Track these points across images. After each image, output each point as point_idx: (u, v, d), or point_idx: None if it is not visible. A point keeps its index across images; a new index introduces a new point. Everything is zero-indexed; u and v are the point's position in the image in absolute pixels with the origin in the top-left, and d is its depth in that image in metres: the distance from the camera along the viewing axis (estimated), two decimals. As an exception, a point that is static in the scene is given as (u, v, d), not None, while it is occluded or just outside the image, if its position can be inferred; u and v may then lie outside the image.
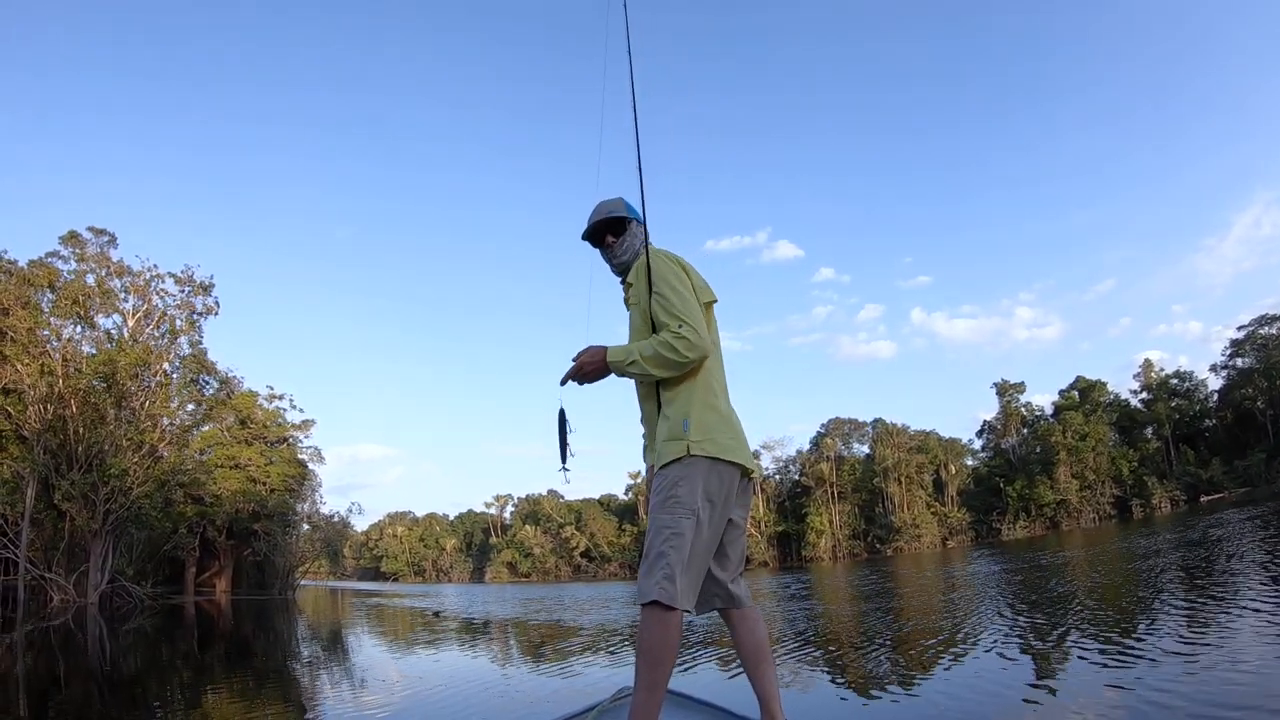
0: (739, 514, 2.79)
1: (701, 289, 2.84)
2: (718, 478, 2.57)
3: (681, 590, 2.42)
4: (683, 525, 2.49)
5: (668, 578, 2.41)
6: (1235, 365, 76.34)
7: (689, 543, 2.47)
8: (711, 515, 2.55)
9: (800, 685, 6.74)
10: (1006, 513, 79.16)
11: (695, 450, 2.56)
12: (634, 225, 3.03)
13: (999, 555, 35.00)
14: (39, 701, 8.42)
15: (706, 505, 2.53)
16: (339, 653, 13.58)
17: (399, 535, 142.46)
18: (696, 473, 2.55)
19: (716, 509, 2.57)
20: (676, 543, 2.46)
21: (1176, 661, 5.80)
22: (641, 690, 2.39)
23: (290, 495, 49.70)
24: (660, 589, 2.40)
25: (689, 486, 2.53)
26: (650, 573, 2.46)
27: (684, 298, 2.69)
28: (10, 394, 32.22)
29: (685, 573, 2.45)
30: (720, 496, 2.58)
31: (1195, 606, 8.94)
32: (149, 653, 14.26)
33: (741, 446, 2.70)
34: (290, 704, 7.96)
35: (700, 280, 2.87)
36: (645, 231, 2.97)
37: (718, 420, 2.66)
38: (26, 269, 34.68)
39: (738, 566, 2.82)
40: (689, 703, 3.27)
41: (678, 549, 2.45)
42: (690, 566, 2.47)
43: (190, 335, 39.52)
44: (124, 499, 31.82)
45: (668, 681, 2.43)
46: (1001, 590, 15.49)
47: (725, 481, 2.60)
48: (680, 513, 2.51)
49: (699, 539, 2.50)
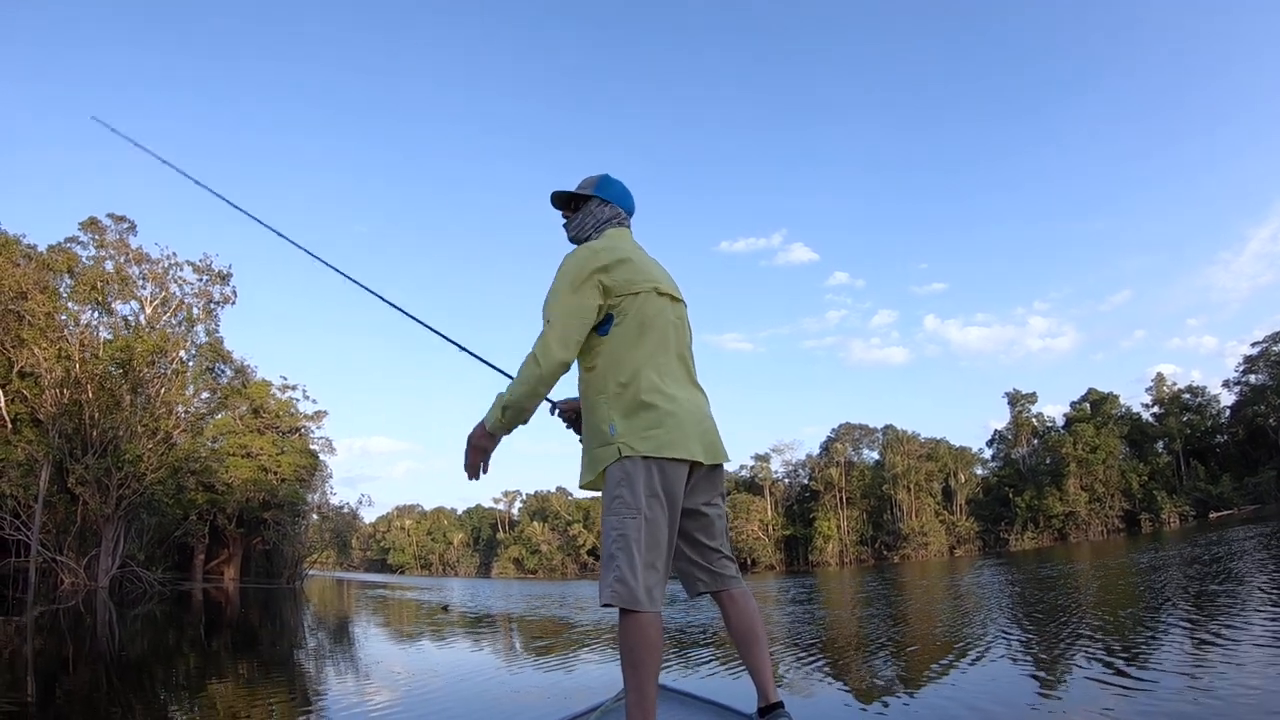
0: (704, 502, 2.72)
1: (630, 280, 2.66)
2: (660, 474, 2.50)
3: (644, 591, 2.39)
4: (628, 526, 2.45)
5: (619, 580, 2.40)
6: (1248, 381, 75.77)
7: (637, 543, 2.43)
8: (660, 512, 2.49)
9: (805, 690, 6.77)
10: (1015, 523, 78.78)
11: (626, 451, 2.50)
12: (594, 205, 2.91)
13: (1006, 566, 34.87)
14: (48, 683, 8.51)
15: (653, 502, 2.47)
16: (345, 644, 13.71)
17: (406, 528, 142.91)
18: (636, 472, 2.48)
19: (664, 504, 2.50)
20: (623, 544, 2.44)
21: (1180, 679, 5.81)
22: (630, 693, 2.40)
23: (301, 485, 49.88)
24: (613, 592, 2.40)
25: (630, 487, 2.47)
26: (604, 577, 2.46)
27: (563, 297, 2.60)
28: (27, 377, 32.47)
29: (642, 573, 2.41)
30: (668, 491, 2.51)
31: (1200, 623, 8.93)
32: (158, 637, 14.40)
33: (681, 438, 2.55)
34: (295, 693, 8.07)
35: (635, 268, 2.69)
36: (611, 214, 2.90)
37: (652, 414, 2.54)
38: (46, 254, 34.95)
39: (718, 551, 2.75)
40: (687, 699, 3.25)
41: (625, 551, 2.42)
42: (649, 566, 2.44)
43: (207, 324, 39.77)
44: (137, 484, 32.01)
45: (654, 681, 2.42)
46: (1007, 601, 15.46)
47: (670, 476, 2.52)
48: (625, 513, 2.46)
49: (652, 537, 2.45)
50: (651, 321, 2.67)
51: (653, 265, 2.84)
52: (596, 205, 2.91)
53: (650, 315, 2.67)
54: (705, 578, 2.75)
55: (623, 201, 2.96)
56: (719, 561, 2.75)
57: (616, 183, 2.98)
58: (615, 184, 2.97)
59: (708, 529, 2.73)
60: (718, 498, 2.77)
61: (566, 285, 2.61)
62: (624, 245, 2.77)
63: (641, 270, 2.71)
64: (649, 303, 2.68)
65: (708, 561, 2.73)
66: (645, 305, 2.66)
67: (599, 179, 2.96)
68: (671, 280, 2.89)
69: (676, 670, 7.98)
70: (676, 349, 2.75)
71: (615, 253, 2.68)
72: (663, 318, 2.72)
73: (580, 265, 2.63)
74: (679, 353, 2.77)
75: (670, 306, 2.77)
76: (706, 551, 2.73)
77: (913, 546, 79.69)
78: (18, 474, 30.80)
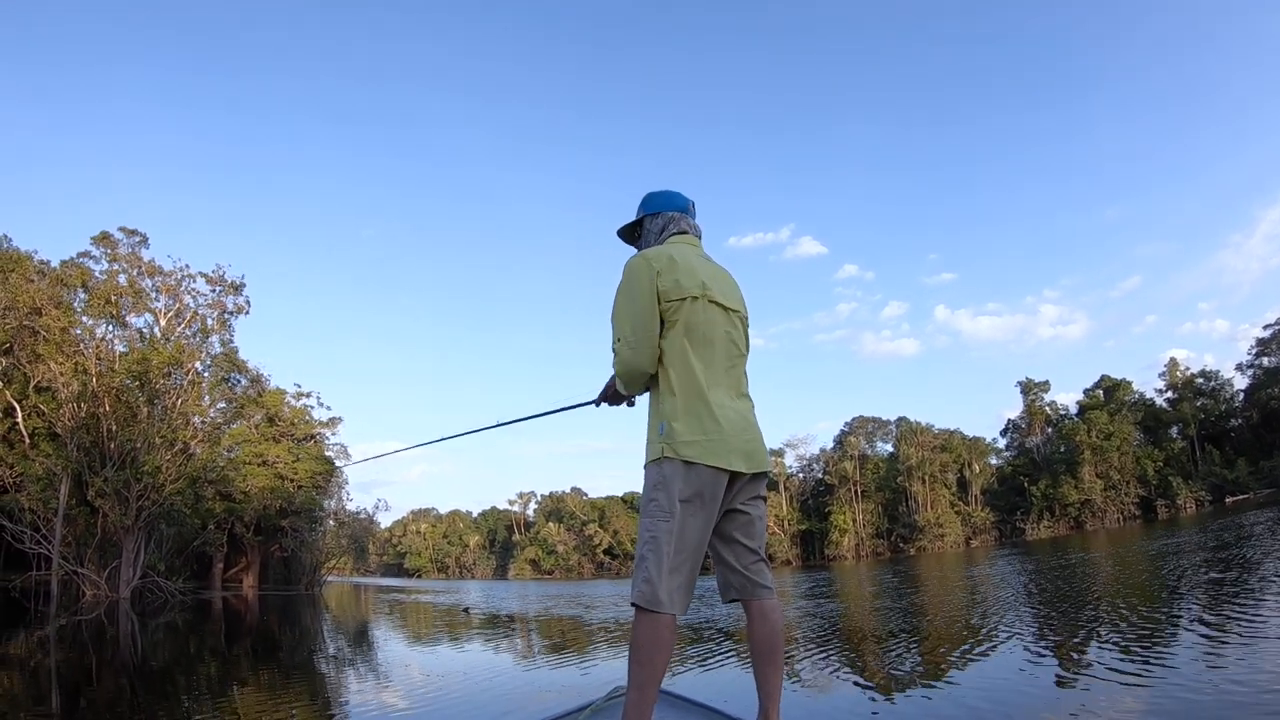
0: (744, 505, 2.75)
1: (680, 284, 2.73)
2: (697, 479, 2.55)
3: (666, 593, 2.47)
4: (659, 529, 2.53)
5: (646, 580, 2.48)
6: (1261, 364, 75.36)
7: (667, 547, 2.51)
8: (691, 517, 2.55)
9: (820, 683, 6.84)
10: (1030, 512, 78.55)
11: (669, 453, 2.58)
12: (647, 224, 3.05)
13: (1023, 555, 34.82)
14: (72, 694, 8.59)
15: (685, 507, 2.54)
16: (364, 648, 13.82)
17: (422, 532, 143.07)
18: (673, 476, 2.56)
19: (697, 509, 2.56)
20: (654, 547, 2.52)
21: (1199, 663, 5.84)
22: (632, 689, 2.46)
23: (317, 492, 50.07)
24: (639, 592, 2.49)
25: (666, 490, 2.56)
26: (634, 576, 2.56)
27: (625, 309, 2.75)
28: (44, 392, 32.73)
29: (668, 576, 2.49)
30: (701, 497, 2.57)
31: (1218, 608, 8.94)
32: (180, 646, 14.45)
33: (723, 448, 2.60)
34: (316, 698, 8.18)
35: (685, 273, 2.75)
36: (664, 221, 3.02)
37: (697, 422, 2.61)
38: (59, 269, 35.22)
39: (754, 554, 2.78)
40: (684, 704, 3.26)
41: (655, 553, 2.51)
42: (675, 570, 2.51)
43: (221, 334, 40.00)
44: (156, 495, 32.21)
45: (658, 682, 2.48)
46: (1025, 591, 15.50)
47: (705, 482, 2.57)
48: (658, 516, 2.55)
49: (681, 541, 2.52)
50: (700, 328, 2.72)
51: (708, 271, 2.87)
52: (649, 222, 3.04)
53: (698, 322, 2.72)
54: (739, 583, 2.77)
55: (669, 204, 3.05)
56: (754, 566, 2.77)
57: (658, 193, 3.07)
58: (657, 195, 3.07)
59: (747, 528, 2.76)
60: (759, 500, 2.80)
61: (626, 297, 2.75)
62: (676, 250, 2.84)
63: (691, 275, 2.76)
64: (697, 309, 2.73)
65: (743, 565, 2.75)
66: (694, 312, 2.72)
67: (642, 200, 3.09)
68: (731, 289, 2.93)
69: (679, 670, 8.02)
70: (726, 358, 2.79)
71: (665, 258, 2.76)
72: (713, 326, 2.76)
73: (637, 275, 2.74)
74: (729, 362, 2.80)
75: (723, 315, 2.81)
76: (743, 553, 2.75)
77: (929, 538, 79.60)
78: (37, 488, 31.06)
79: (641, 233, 3.08)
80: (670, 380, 2.68)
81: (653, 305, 2.70)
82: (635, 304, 2.71)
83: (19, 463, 31.53)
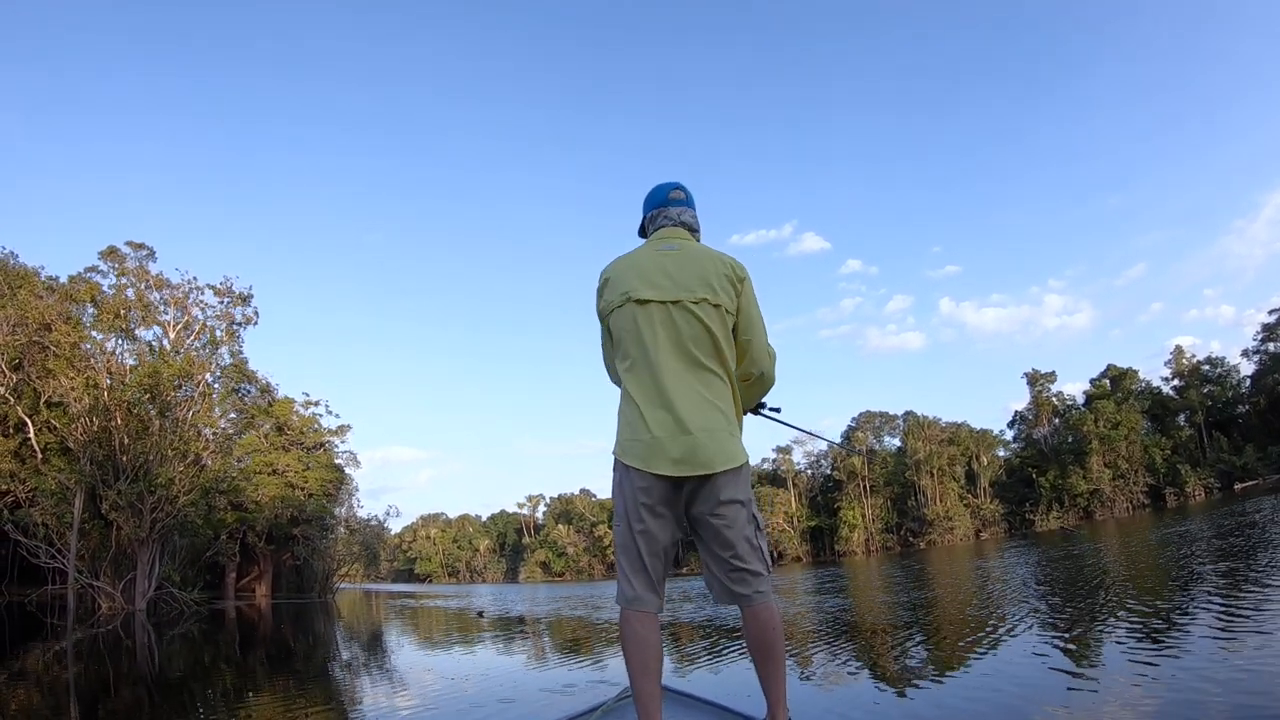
0: (713, 512, 2.60)
1: (607, 299, 2.77)
2: (632, 483, 2.58)
3: (635, 593, 2.57)
4: (618, 532, 2.65)
5: (622, 580, 2.61)
6: (1267, 350, 75.43)
7: (627, 548, 2.60)
8: (634, 521, 2.57)
9: (831, 677, 6.91)
10: (1040, 503, 78.69)
11: (614, 454, 2.68)
12: (645, 223, 3.06)
13: (1033, 546, 34.86)
14: (89, 706, 8.65)
15: (633, 510, 2.58)
16: (375, 654, 13.86)
17: (432, 537, 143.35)
18: (620, 479, 2.65)
19: (645, 513, 2.56)
20: (621, 550, 2.63)
21: (1212, 650, 5.88)
22: (630, 683, 2.58)
23: (328, 500, 50.19)
24: (618, 592, 2.63)
25: (617, 494, 2.67)
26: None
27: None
28: (55, 407, 32.92)
29: (634, 576, 2.58)
30: (640, 501, 2.55)
31: (1229, 595, 9.00)
32: (196, 657, 14.52)
33: (651, 452, 2.53)
34: (331, 703, 8.29)
35: (615, 284, 2.75)
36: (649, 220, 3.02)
37: (629, 427, 2.63)
38: (68, 284, 35.42)
39: (729, 564, 2.64)
40: (691, 701, 3.20)
41: (624, 554, 2.62)
42: (638, 570, 2.58)
43: (230, 345, 40.16)
44: (170, 507, 32.36)
45: (644, 675, 2.49)
46: (1036, 582, 15.56)
47: (642, 487, 2.56)
48: (618, 520, 2.66)
49: (635, 543, 2.57)
50: (624, 332, 2.71)
51: (649, 266, 2.76)
52: (646, 223, 3.04)
53: (621, 327, 2.73)
54: (719, 590, 2.71)
55: (651, 201, 3.02)
56: (733, 575, 2.65)
57: (649, 192, 3.06)
58: (649, 194, 3.05)
59: (718, 537, 2.62)
60: (724, 506, 2.61)
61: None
62: (628, 257, 2.84)
63: (622, 282, 2.74)
64: (623, 316, 2.71)
65: (722, 574, 2.66)
66: (619, 318, 2.73)
67: (646, 199, 3.08)
68: (681, 276, 2.73)
69: (680, 669, 8.04)
70: (660, 355, 2.63)
71: (605, 276, 2.83)
72: (639, 327, 2.67)
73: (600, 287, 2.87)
74: (666, 359, 2.64)
75: (659, 311, 2.67)
76: (719, 562, 2.66)
77: (938, 531, 79.77)
78: (51, 502, 31.25)
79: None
80: (621, 383, 2.75)
81: (603, 325, 2.86)
82: (600, 316, 2.89)
83: (31, 477, 31.74)
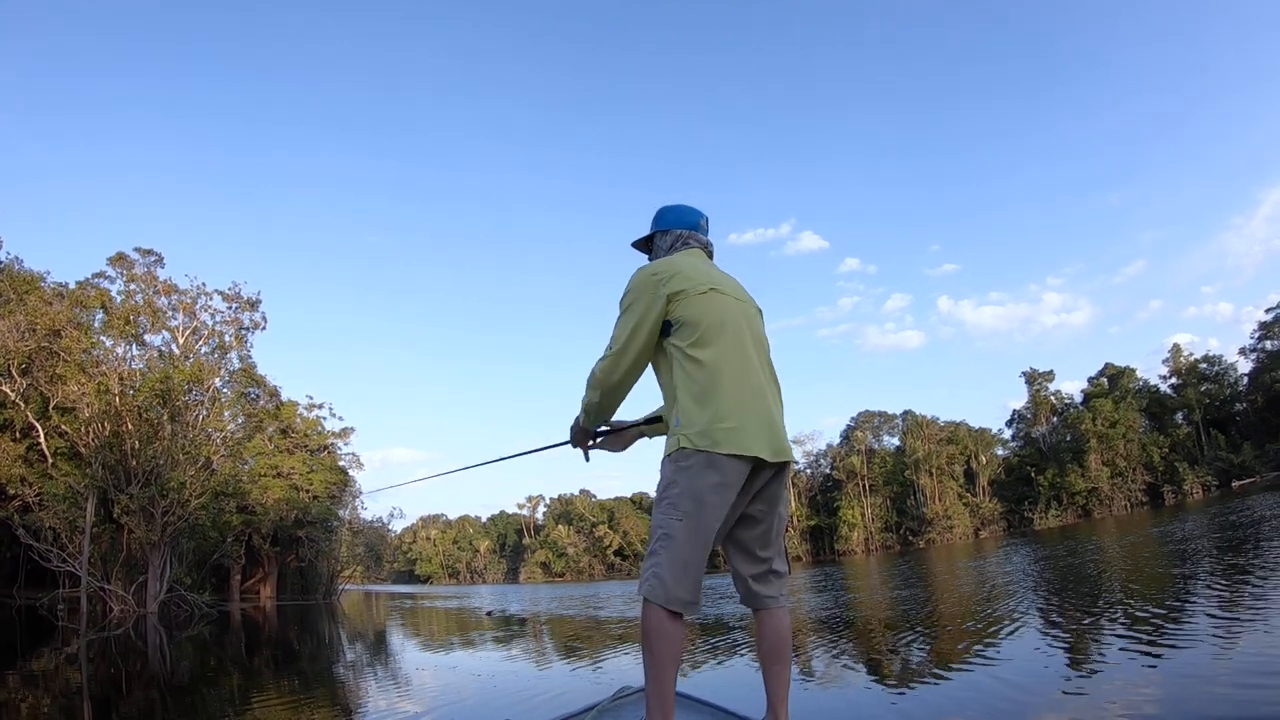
0: (759, 507, 2.70)
1: (689, 278, 2.72)
2: (714, 473, 2.48)
3: (673, 591, 2.44)
4: (672, 527, 2.49)
5: (656, 576, 2.46)
6: (1264, 348, 75.65)
7: (679, 544, 2.47)
8: (704, 515, 2.48)
9: (831, 677, 7.02)
10: (1038, 502, 79.04)
11: (685, 444, 2.52)
12: (658, 241, 3.02)
13: (1032, 545, 35.03)
14: (103, 708, 8.71)
15: (699, 505, 2.47)
16: (379, 654, 14.07)
17: (432, 538, 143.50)
18: (689, 470, 2.49)
19: (710, 507, 2.48)
20: (667, 544, 2.48)
21: (1211, 649, 6.00)
22: (650, 681, 2.46)
23: (332, 502, 50.43)
24: (648, 587, 2.47)
25: (679, 486, 2.50)
26: (645, 569, 2.54)
27: (622, 318, 2.75)
28: (66, 413, 33.17)
29: (679, 574, 2.46)
30: (717, 493, 2.49)
31: (1228, 591, 9.19)
32: (208, 658, 14.62)
33: (746, 435, 2.52)
34: (336, 703, 8.47)
35: (691, 272, 2.75)
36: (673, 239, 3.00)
37: (717, 410, 2.53)
38: (76, 290, 35.68)
39: (764, 564, 2.74)
40: (693, 703, 3.22)
41: (668, 550, 2.47)
42: (687, 567, 2.46)
43: (239, 350, 40.37)
44: (182, 511, 32.62)
45: (672, 670, 2.46)
46: (1036, 580, 15.77)
47: (724, 475, 2.49)
48: (671, 514, 2.50)
49: (692, 540, 2.47)
50: (712, 316, 2.70)
51: (716, 274, 2.86)
52: (660, 239, 3.02)
53: (711, 310, 2.70)
54: (744, 592, 2.77)
55: (680, 220, 3.03)
56: (763, 577, 2.74)
57: (672, 208, 3.06)
58: (670, 210, 3.05)
59: (762, 538, 2.73)
60: (778, 501, 2.72)
61: (627, 308, 2.76)
62: (681, 258, 2.85)
63: (697, 273, 2.77)
64: (709, 300, 2.71)
65: (750, 575, 2.74)
66: (705, 302, 2.70)
67: (656, 214, 3.08)
68: (740, 289, 2.91)
69: (687, 670, 8.02)
70: (744, 345, 2.73)
71: (667, 264, 2.77)
72: (727, 314, 2.73)
73: (635, 285, 2.77)
74: (749, 350, 2.74)
75: (736, 305, 2.79)
76: (753, 563, 2.73)
77: (938, 530, 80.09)
78: (62, 507, 31.46)
79: (653, 248, 3.06)
80: (686, 371, 2.62)
81: (649, 315, 2.69)
82: (633, 313, 2.71)
83: (39, 481, 31.99)
